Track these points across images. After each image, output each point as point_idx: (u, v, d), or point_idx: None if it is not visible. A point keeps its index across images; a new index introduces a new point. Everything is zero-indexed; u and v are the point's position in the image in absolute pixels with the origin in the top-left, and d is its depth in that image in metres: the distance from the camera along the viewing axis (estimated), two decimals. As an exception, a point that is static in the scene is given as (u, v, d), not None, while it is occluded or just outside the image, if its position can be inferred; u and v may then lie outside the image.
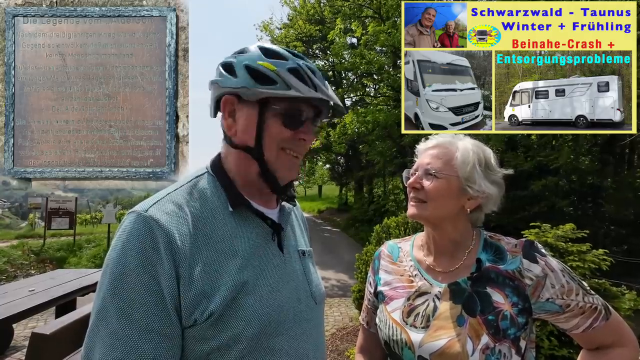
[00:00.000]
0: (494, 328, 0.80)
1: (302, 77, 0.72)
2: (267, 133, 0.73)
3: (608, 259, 2.54)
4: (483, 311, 0.81)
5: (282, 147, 0.74)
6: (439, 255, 0.92)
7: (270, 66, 0.71)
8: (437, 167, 0.88)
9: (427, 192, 0.88)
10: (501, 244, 0.89)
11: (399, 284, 0.95)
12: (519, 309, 0.81)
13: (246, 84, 0.71)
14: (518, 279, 0.82)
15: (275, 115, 0.72)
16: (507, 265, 0.85)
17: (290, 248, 0.81)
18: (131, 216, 0.65)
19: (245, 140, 0.74)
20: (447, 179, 0.88)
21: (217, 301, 0.64)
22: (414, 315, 0.87)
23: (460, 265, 0.89)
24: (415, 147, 1.01)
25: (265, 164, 0.74)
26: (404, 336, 0.86)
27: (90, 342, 0.61)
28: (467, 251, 0.90)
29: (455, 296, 0.85)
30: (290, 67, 0.71)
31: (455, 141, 0.92)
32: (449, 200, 0.89)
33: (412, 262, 0.97)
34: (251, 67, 0.72)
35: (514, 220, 8.37)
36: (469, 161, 0.88)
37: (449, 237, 0.91)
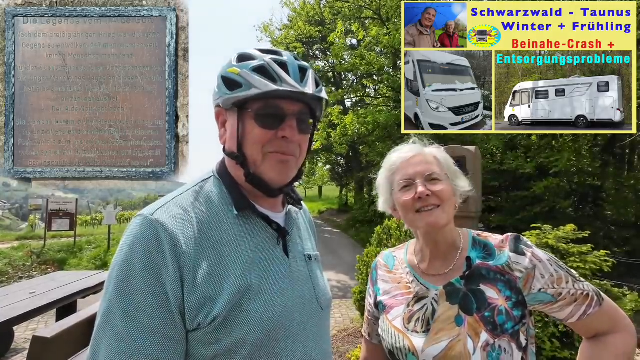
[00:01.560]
0: (491, 324, 0.80)
1: (268, 72, 0.70)
2: (247, 137, 0.73)
3: (610, 260, 2.53)
4: (479, 309, 0.82)
5: (267, 150, 0.73)
6: (433, 259, 0.93)
7: (235, 70, 0.72)
8: (435, 171, 0.89)
9: (439, 195, 0.87)
10: (489, 240, 0.91)
11: (397, 291, 0.96)
12: (513, 302, 0.82)
13: (222, 94, 0.74)
14: (508, 273, 0.83)
15: (251, 118, 0.72)
16: (496, 260, 0.86)
17: (296, 252, 0.81)
18: (138, 219, 0.66)
19: (231, 146, 0.76)
20: (446, 180, 0.90)
21: (221, 305, 0.64)
22: (415, 321, 0.88)
23: (454, 266, 0.90)
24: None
25: (249, 168, 0.74)
26: (407, 342, 0.86)
27: (96, 343, 0.61)
28: (459, 251, 0.91)
29: (451, 297, 0.86)
30: (255, 66, 0.71)
31: (424, 148, 0.95)
32: (454, 200, 0.91)
33: (407, 268, 0.98)
34: (224, 77, 0.74)
35: (515, 221, 8.37)
36: (449, 161, 0.93)
37: (449, 239, 0.92)
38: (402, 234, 3.88)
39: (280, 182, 0.76)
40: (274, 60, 0.72)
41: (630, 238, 7.62)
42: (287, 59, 0.74)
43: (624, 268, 5.71)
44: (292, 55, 0.76)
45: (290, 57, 0.75)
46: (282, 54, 0.75)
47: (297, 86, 0.71)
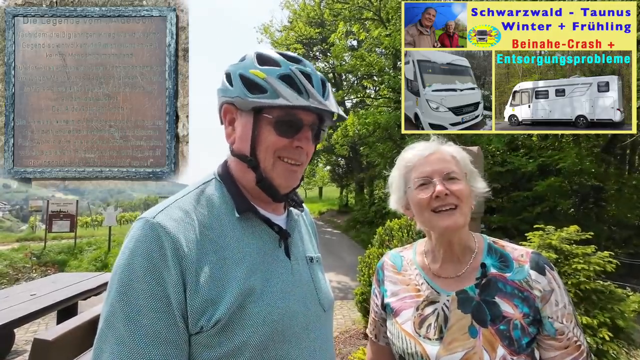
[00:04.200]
0: (508, 339, 0.78)
1: (295, 83, 0.70)
2: (262, 142, 0.72)
3: (614, 261, 2.52)
4: (494, 321, 0.79)
5: (278, 155, 0.73)
6: (446, 261, 0.90)
7: (260, 74, 0.70)
8: (454, 170, 0.86)
9: (458, 194, 0.83)
10: (506, 250, 0.88)
11: (406, 294, 0.93)
12: (529, 320, 0.79)
13: (239, 94, 0.72)
14: (527, 290, 0.81)
15: (269, 124, 0.72)
16: (514, 274, 0.83)
17: (298, 254, 0.80)
18: (139, 222, 0.66)
19: (242, 149, 0.74)
20: (464, 180, 0.87)
21: (223, 308, 0.63)
22: (426, 327, 0.85)
23: (467, 270, 0.87)
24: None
25: (261, 173, 0.73)
26: (419, 349, 0.84)
27: (98, 347, 0.61)
28: (472, 255, 0.88)
29: (464, 305, 0.83)
30: (282, 74, 0.70)
31: (441, 146, 0.93)
32: (472, 200, 0.87)
33: (417, 270, 0.95)
34: (244, 76, 0.72)
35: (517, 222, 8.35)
36: (467, 162, 0.90)
37: (463, 241, 0.89)
38: (404, 234, 3.87)
39: (287, 188, 0.77)
40: (300, 71, 0.71)
41: (632, 238, 7.60)
42: (311, 70, 0.73)
43: (626, 269, 5.70)
44: (311, 65, 0.77)
45: (313, 68, 0.75)
46: (305, 64, 0.74)
47: (323, 102, 0.71)
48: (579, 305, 2.35)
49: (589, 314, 2.31)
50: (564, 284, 0.87)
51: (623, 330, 2.31)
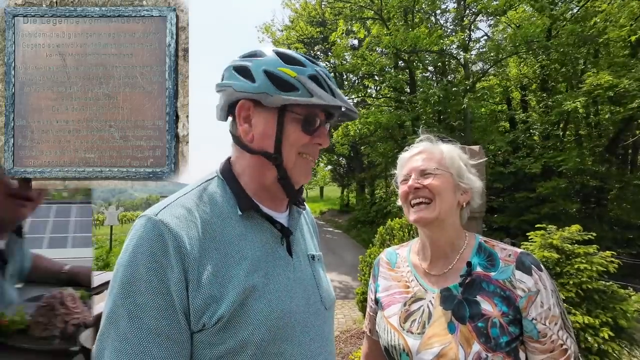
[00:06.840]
0: (484, 336, 0.79)
1: (321, 83, 0.72)
2: (287, 139, 0.73)
3: (616, 261, 2.51)
4: (472, 318, 0.81)
5: (299, 152, 0.74)
6: (435, 259, 0.93)
7: (291, 73, 0.71)
8: (432, 167, 0.91)
9: (431, 188, 0.88)
10: (495, 250, 0.90)
11: (396, 289, 0.96)
12: (509, 319, 0.80)
13: (267, 90, 0.70)
14: (509, 289, 0.82)
15: (295, 121, 0.72)
16: (498, 273, 0.84)
17: (300, 252, 0.81)
18: (142, 220, 0.66)
19: (264, 146, 0.74)
20: (444, 175, 0.90)
21: (225, 305, 0.63)
22: (411, 321, 0.88)
23: (453, 267, 0.89)
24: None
25: (285, 169, 0.74)
26: (401, 341, 0.87)
27: (100, 344, 0.61)
28: (460, 252, 0.91)
29: (446, 302, 0.86)
30: (310, 74, 0.72)
31: (435, 145, 0.98)
32: (451, 194, 0.90)
33: (409, 267, 0.98)
34: (271, 73, 0.71)
35: (519, 222, 8.34)
36: (455, 158, 0.93)
37: (448, 237, 0.91)
38: (405, 234, 3.87)
39: (304, 182, 0.79)
40: (322, 71, 0.74)
41: (634, 239, 7.57)
42: (327, 71, 0.76)
43: (628, 269, 5.67)
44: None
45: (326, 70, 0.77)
46: (318, 64, 0.76)
47: (347, 101, 0.75)
48: (580, 304, 2.34)
49: (590, 314, 2.30)
50: (566, 284, 0.87)
51: (625, 330, 2.31)
